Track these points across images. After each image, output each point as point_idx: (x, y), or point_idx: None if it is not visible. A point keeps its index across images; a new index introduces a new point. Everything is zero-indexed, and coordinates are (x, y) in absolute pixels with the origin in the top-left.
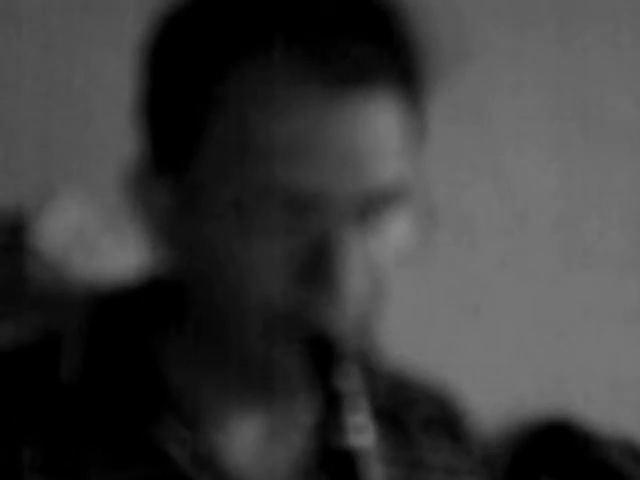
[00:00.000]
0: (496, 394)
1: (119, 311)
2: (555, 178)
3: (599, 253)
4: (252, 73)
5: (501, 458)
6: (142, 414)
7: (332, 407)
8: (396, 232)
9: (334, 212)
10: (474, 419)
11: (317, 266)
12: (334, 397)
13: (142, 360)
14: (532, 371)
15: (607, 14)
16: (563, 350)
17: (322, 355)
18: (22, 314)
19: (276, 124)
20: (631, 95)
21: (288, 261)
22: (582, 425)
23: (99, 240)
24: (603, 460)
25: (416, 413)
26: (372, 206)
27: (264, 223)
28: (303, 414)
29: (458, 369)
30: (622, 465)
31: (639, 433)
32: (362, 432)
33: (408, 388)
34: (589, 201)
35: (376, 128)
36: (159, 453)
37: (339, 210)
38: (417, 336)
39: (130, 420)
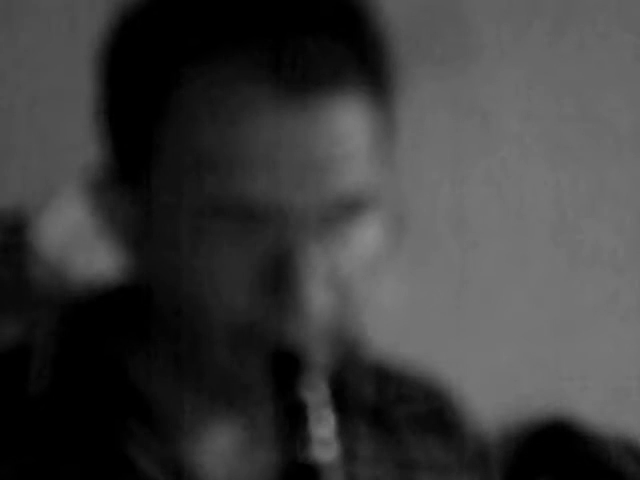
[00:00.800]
0: (496, 394)
1: (89, 319)
2: (555, 178)
3: (599, 253)
4: (202, 78)
5: (499, 455)
6: (111, 426)
7: (296, 419)
8: (364, 241)
9: (293, 223)
10: (470, 411)
11: (276, 279)
12: (298, 409)
13: (112, 370)
14: (532, 371)
15: (606, 14)
16: (563, 350)
17: (285, 367)
18: (22, 314)
19: (226, 132)
20: (630, 95)
21: (248, 273)
22: (582, 425)
23: (99, 240)
24: (603, 460)
25: (406, 409)
26: (335, 215)
27: (221, 235)
28: (270, 426)
29: (458, 369)
30: (622, 465)
31: (639, 433)
32: (327, 446)
33: (399, 383)
34: (589, 201)
35: (337, 134)
36: (128, 465)
37: (298, 220)
38: (417, 336)
39: (99, 432)
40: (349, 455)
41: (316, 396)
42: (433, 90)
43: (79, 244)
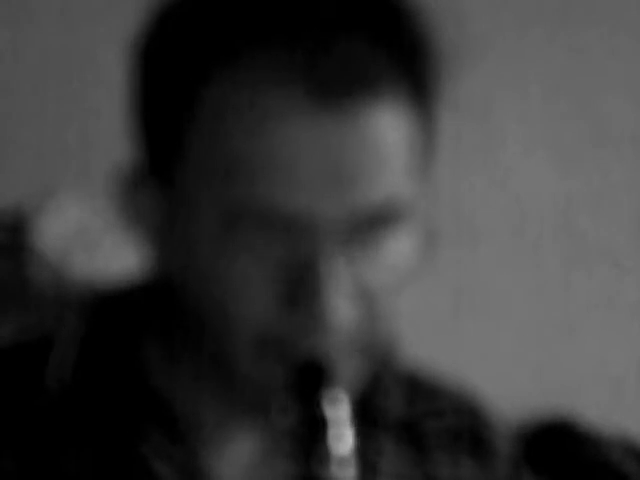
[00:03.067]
0: (496, 394)
1: (112, 316)
2: (557, 178)
3: (600, 253)
4: (232, 79)
5: (528, 471)
6: (129, 428)
7: (316, 435)
8: (395, 253)
9: (319, 232)
10: (503, 427)
11: (300, 289)
12: (318, 425)
13: (133, 370)
14: (533, 371)
15: (609, 13)
16: (564, 350)
17: (309, 380)
18: (22, 314)
19: (253, 136)
20: (632, 95)
21: (272, 282)
22: (582, 425)
23: (99, 240)
24: (603, 461)
25: (437, 424)
26: (365, 226)
27: (245, 241)
28: (290, 439)
29: (458, 369)
30: (623, 466)
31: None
32: (345, 464)
33: (431, 396)
34: (591, 201)
35: (371, 142)
36: (144, 469)
37: (325, 230)
38: (415, 335)
39: (116, 434)
40: (372, 470)
41: (338, 412)
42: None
43: (79, 244)
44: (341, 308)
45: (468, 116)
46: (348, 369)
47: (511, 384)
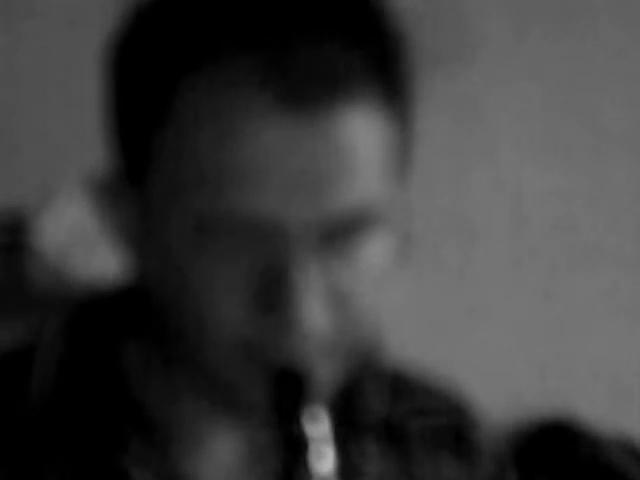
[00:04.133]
0: (495, 393)
1: (92, 324)
2: (554, 176)
3: (598, 252)
4: (201, 86)
5: (513, 472)
6: (108, 436)
7: (297, 453)
8: (370, 257)
9: (291, 238)
10: (488, 427)
11: (273, 295)
12: (298, 443)
13: (112, 378)
14: (532, 371)
15: (606, 14)
16: (563, 349)
17: (288, 394)
18: (22, 314)
19: (222, 141)
20: (630, 92)
21: (245, 289)
22: (582, 424)
23: (99, 240)
24: (603, 460)
25: (421, 423)
26: (338, 230)
27: (217, 248)
28: (270, 444)
29: (457, 368)
30: (622, 465)
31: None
32: None
33: (416, 395)
34: (588, 199)
35: (344, 146)
36: (122, 476)
37: (297, 236)
38: (416, 335)
39: (95, 441)
40: (355, 472)
41: (317, 429)
42: (432, 90)
43: (79, 244)
44: (314, 313)
45: (466, 115)
46: (325, 374)
47: (511, 383)
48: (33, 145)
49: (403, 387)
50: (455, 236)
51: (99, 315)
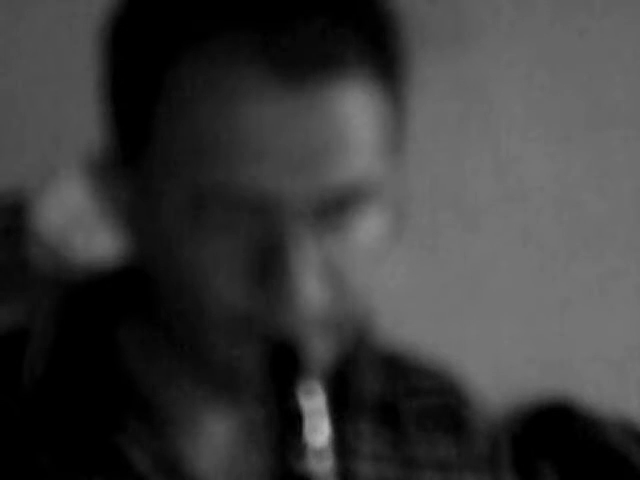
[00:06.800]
0: (496, 376)
1: (89, 303)
2: (556, 159)
3: (601, 234)
4: (197, 60)
5: (507, 450)
6: (104, 417)
7: (292, 427)
8: (364, 232)
9: (287, 212)
10: (482, 407)
11: (268, 269)
12: (294, 417)
13: (109, 358)
14: (533, 353)
15: None
16: (564, 332)
17: (283, 366)
18: (22, 296)
19: (217, 116)
20: (631, 75)
21: (240, 263)
22: (583, 407)
23: (99, 221)
24: (604, 443)
25: (416, 403)
26: (333, 205)
27: (212, 223)
28: (266, 428)
29: (459, 351)
30: (623, 448)
31: None
32: (322, 456)
33: (410, 375)
34: (591, 182)
35: (338, 121)
36: (120, 459)
37: (293, 210)
38: (417, 318)
39: (92, 424)
40: (350, 452)
41: (312, 403)
42: (434, 73)
43: (78, 226)
44: (309, 288)
45: (469, 99)
46: (320, 349)
47: (512, 366)
48: (32, 127)
49: (398, 367)
50: (455, 218)
51: (94, 296)
